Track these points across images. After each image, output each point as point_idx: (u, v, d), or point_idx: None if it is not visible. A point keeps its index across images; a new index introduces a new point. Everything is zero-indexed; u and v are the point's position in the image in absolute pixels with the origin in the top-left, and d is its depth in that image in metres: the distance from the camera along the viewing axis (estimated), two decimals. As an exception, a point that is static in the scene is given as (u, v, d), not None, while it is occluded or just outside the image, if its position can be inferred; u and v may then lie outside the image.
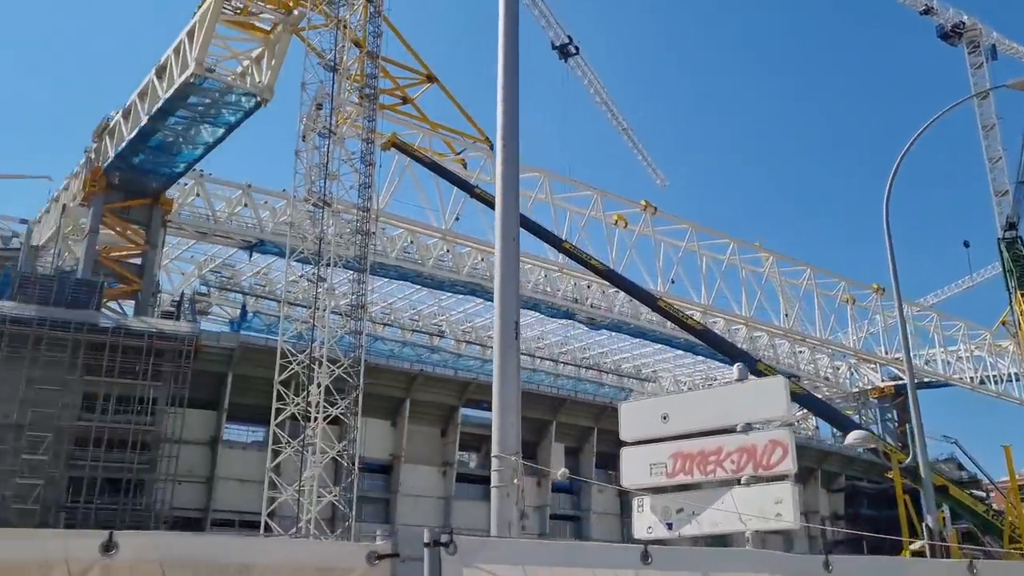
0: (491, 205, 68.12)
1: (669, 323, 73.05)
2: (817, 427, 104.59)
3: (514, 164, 12.42)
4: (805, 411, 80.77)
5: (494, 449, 11.16)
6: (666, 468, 11.11)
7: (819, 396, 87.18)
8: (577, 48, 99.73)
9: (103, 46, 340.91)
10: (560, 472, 20.16)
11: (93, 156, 65.82)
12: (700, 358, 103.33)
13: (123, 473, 56.06)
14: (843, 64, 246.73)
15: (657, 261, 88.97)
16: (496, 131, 12.64)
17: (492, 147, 73.87)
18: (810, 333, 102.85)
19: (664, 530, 10.94)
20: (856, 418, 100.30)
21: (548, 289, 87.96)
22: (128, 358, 57.17)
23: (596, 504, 78.70)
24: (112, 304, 66.13)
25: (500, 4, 13.60)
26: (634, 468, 11.55)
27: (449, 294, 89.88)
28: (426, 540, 4.50)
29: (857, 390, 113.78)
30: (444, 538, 4.54)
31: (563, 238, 75.45)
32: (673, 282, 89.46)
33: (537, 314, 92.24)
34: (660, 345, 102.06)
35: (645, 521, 11.05)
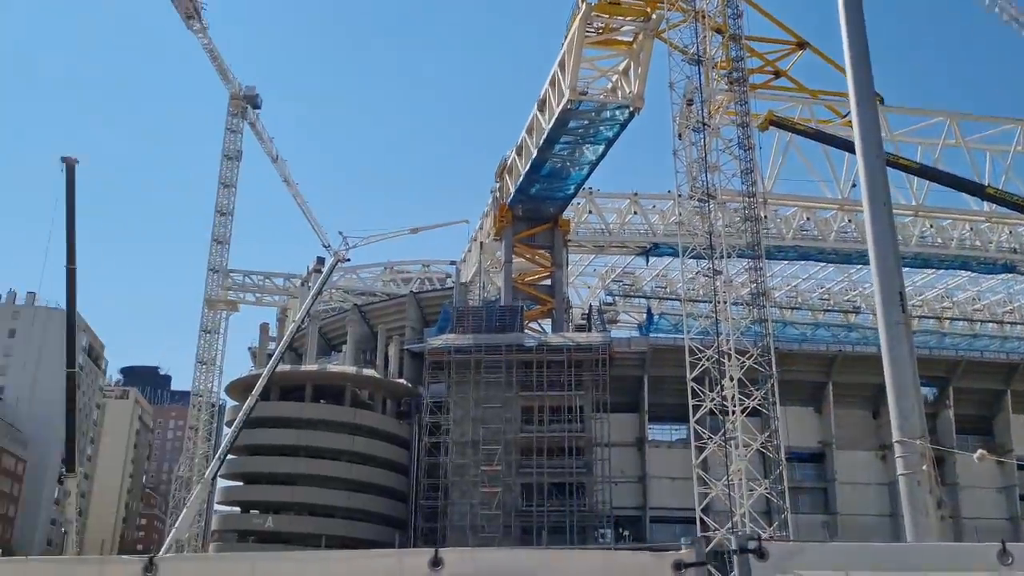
0: (889, 164, 62.43)
1: None
2: None
3: (873, 124, 11.30)
4: None
5: (895, 434, 10.10)
6: None
7: None
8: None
9: (488, 96, 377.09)
10: (978, 454, 17.37)
11: (498, 194, 73.06)
12: None
13: (565, 477, 60.87)
14: None
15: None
16: (849, 91, 11.61)
17: (882, 101, 67.72)
18: None
19: None
20: None
21: (977, 243, 77.90)
22: (553, 372, 62.20)
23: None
24: (532, 324, 72.36)
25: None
26: None
27: (858, 266, 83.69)
28: (734, 547, 4.22)
29: None
30: (752, 545, 4.23)
31: (985, 183, 66.57)
32: None
33: (968, 273, 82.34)
34: None
35: None
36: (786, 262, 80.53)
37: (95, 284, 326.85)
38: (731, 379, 42.94)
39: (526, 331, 68.38)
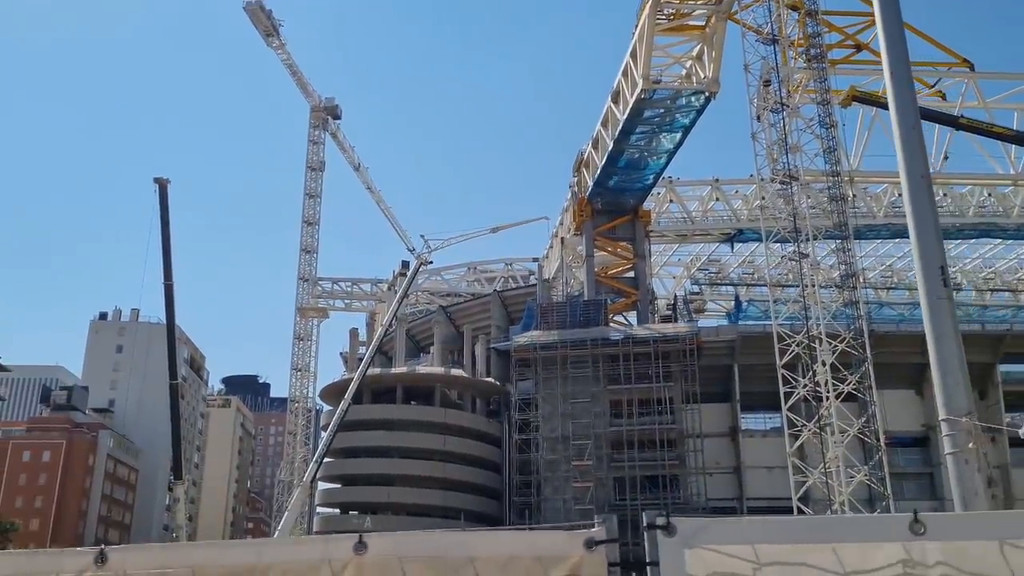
0: (982, 132, 59.71)
1: None
2: None
3: (908, 91, 10.84)
4: None
5: (940, 412, 9.72)
6: None
7: None
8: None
9: (562, 91, 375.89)
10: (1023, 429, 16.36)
11: (576, 189, 72.79)
12: None
13: (657, 470, 60.26)
14: None
15: None
16: (884, 62, 11.15)
17: (972, 68, 64.73)
18: None
19: None
20: None
21: (999, 210, 73.30)
22: (640, 364, 61.62)
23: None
24: (617, 317, 71.85)
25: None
26: None
27: (957, 241, 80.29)
28: (645, 524, 4.27)
29: None
30: (661, 521, 4.27)
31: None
32: None
33: (991, 240, 78.06)
34: None
35: None
36: (879, 241, 77.82)
37: (195, 298, 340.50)
38: (823, 364, 41.79)
39: (611, 324, 67.93)
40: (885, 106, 62.23)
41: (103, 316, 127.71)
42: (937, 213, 11.49)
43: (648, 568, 4.43)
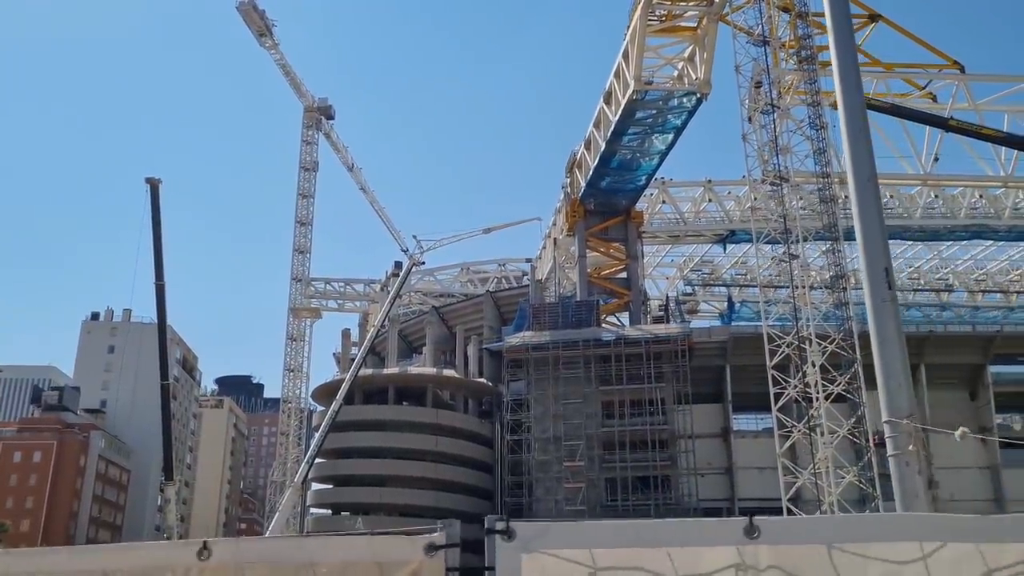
0: (972, 134, 59.92)
1: None
2: None
3: (856, 93, 10.93)
4: None
5: (883, 414, 9.82)
6: None
7: None
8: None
9: (555, 92, 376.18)
10: (959, 432, 16.57)
11: (569, 190, 72.83)
12: None
13: (649, 471, 60.32)
14: None
15: None
16: (834, 67, 11.23)
17: (963, 70, 65.00)
18: None
19: None
20: None
21: (990, 211, 73.67)
22: (632, 365, 61.69)
23: None
24: (610, 318, 71.91)
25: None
26: None
27: (949, 242, 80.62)
28: (486, 528, 4.31)
29: None
30: (500, 525, 4.30)
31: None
32: None
33: (983, 242, 78.46)
34: None
35: None
36: (870, 242, 78.00)
37: (189, 298, 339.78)
38: (813, 365, 41.89)
39: (604, 325, 67.98)
40: (876, 108, 62.55)
41: (95, 316, 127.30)
42: (883, 216, 11.57)
43: (486, 573, 4.46)
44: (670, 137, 62.37)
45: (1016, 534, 3.97)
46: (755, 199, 58.17)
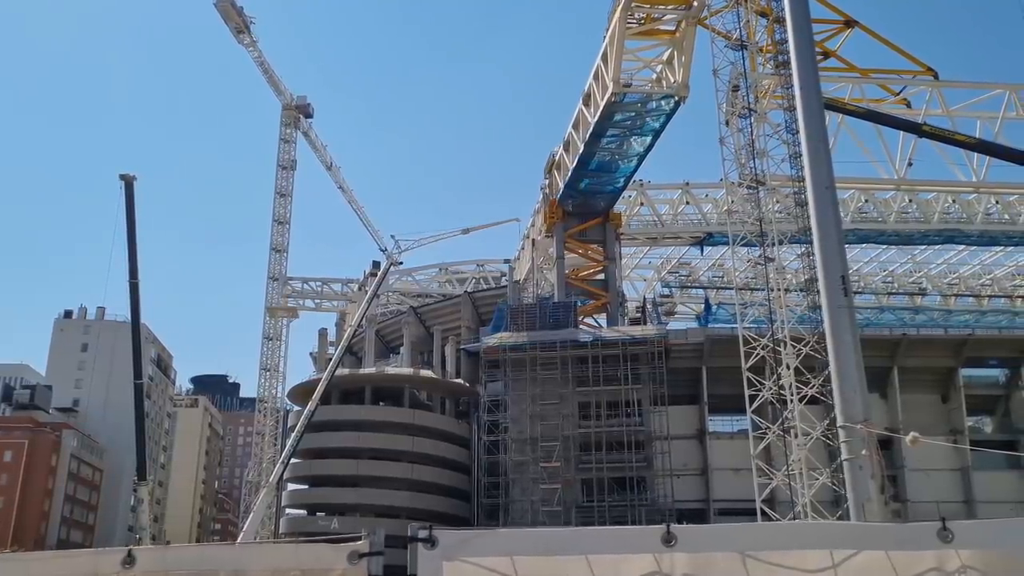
0: (945, 140, 60.59)
1: None
2: None
3: (816, 101, 11.04)
4: None
5: (838, 419, 9.96)
6: None
7: None
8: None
9: (534, 93, 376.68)
10: (910, 437, 16.80)
11: (547, 191, 72.92)
12: None
13: (625, 472, 60.42)
14: None
15: None
16: (794, 75, 11.34)
17: (936, 76, 65.74)
18: None
19: None
20: None
21: (963, 216, 74.68)
22: (608, 366, 61.80)
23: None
24: (588, 320, 72.03)
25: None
26: None
27: (922, 246, 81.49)
28: (409, 536, 4.37)
29: None
30: (423, 534, 4.38)
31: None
32: None
33: (956, 246, 79.58)
34: None
35: None
36: (846, 246, 78.72)
37: (164, 297, 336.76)
38: (787, 367, 42.19)
39: (581, 327, 68.07)
40: (851, 113, 63.23)
41: (68, 314, 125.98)
42: (840, 223, 11.71)
43: None
44: (648, 139, 62.62)
45: (926, 542, 4.02)
46: (732, 202, 58.51)
